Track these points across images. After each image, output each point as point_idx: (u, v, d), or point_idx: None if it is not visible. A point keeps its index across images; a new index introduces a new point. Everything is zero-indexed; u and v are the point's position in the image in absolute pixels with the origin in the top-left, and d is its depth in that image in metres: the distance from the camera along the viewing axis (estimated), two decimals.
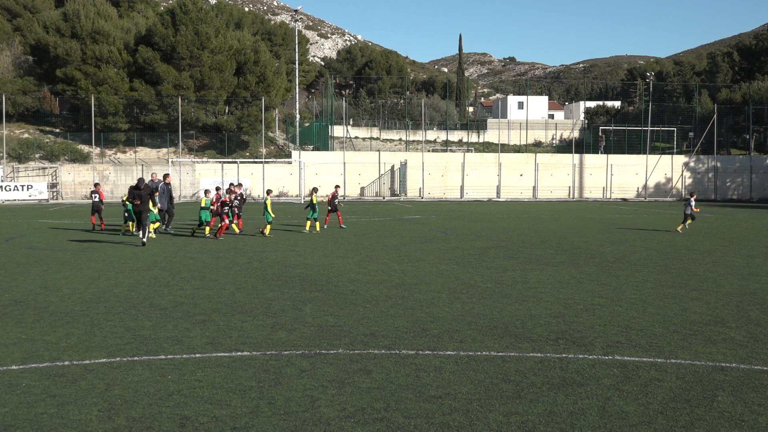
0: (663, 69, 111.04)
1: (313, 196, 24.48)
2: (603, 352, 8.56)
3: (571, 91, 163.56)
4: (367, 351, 8.57)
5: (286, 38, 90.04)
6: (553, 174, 57.78)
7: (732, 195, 59.17)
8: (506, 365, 7.98)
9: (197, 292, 12.57)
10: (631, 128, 68.05)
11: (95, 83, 55.97)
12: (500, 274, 14.90)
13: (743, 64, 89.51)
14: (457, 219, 32.25)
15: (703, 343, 9.02)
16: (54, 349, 8.63)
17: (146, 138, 58.87)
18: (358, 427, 6.08)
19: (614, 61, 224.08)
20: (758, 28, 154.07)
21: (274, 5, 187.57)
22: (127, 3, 76.94)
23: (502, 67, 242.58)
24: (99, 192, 25.85)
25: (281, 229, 25.93)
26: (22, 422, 6.16)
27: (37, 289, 12.95)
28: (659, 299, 12.09)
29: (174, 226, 25.88)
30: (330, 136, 64.61)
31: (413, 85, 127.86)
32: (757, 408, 6.62)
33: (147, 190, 19.76)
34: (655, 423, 6.20)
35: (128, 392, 6.96)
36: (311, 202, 24.40)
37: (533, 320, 10.34)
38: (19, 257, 17.65)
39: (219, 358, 8.22)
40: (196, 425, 6.11)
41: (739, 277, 14.74)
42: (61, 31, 58.19)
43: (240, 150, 60.49)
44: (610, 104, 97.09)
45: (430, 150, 67.04)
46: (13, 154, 53.62)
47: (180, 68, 57.58)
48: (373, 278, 14.17)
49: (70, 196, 51.63)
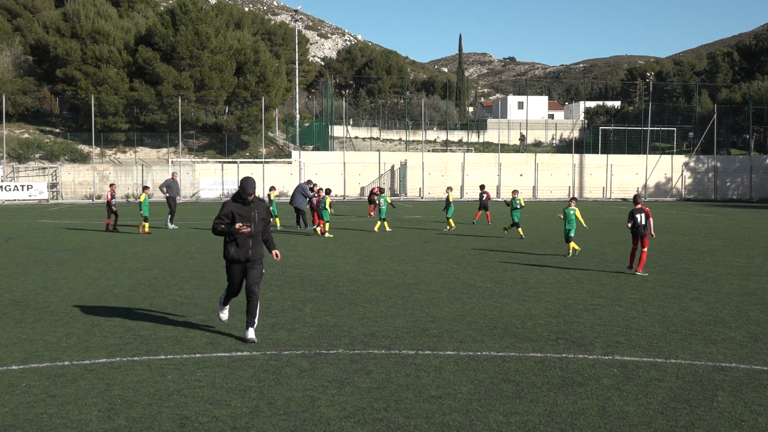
0: (663, 69, 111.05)
1: (270, 194, 26.42)
2: (603, 352, 8.55)
3: (571, 91, 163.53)
4: (367, 351, 8.57)
5: (286, 38, 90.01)
6: (553, 174, 57.77)
7: (732, 195, 59.16)
8: (506, 365, 7.97)
9: (197, 292, 12.57)
10: (631, 128, 68.02)
11: (95, 83, 55.95)
12: (500, 274, 14.89)
13: (743, 64, 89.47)
14: (457, 219, 32.24)
15: (703, 343, 9.02)
16: (54, 349, 8.63)
17: (146, 138, 58.86)
18: (358, 427, 6.08)
19: (614, 61, 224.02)
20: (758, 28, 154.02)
21: (274, 5, 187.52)
22: (127, 3, 76.92)
23: (502, 67, 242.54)
24: (111, 192, 25.63)
25: (281, 229, 25.94)
26: (22, 422, 6.16)
27: (37, 289, 12.95)
28: (659, 299, 12.09)
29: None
30: (330, 136, 64.60)
31: (413, 85, 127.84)
32: (757, 408, 6.61)
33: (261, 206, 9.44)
34: (655, 423, 6.20)
35: (128, 392, 6.96)
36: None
37: (533, 320, 10.34)
38: (19, 257, 17.64)
39: (219, 358, 8.22)
40: (196, 425, 6.11)
41: (739, 277, 14.74)
42: (61, 31, 58.18)
43: (240, 150, 60.48)
44: (610, 104, 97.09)
45: (430, 150, 67.04)
46: (13, 154, 53.61)
47: (180, 68, 57.56)
48: (373, 278, 14.17)
49: (70, 196, 51.62)
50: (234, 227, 8.92)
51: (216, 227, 9.01)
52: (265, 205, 9.29)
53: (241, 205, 9.03)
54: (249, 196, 8.98)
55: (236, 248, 9.01)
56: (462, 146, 73.44)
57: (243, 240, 9.00)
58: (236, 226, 8.90)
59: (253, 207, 9.05)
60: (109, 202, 24.88)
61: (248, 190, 8.99)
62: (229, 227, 8.98)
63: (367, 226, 27.13)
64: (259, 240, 9.16)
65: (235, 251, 9.01)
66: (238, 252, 9.00)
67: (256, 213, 9.06)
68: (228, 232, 9.00)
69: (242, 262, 9.05)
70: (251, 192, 9.01)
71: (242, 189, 9.03)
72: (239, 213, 8.97)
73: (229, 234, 9.00)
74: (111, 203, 24.84)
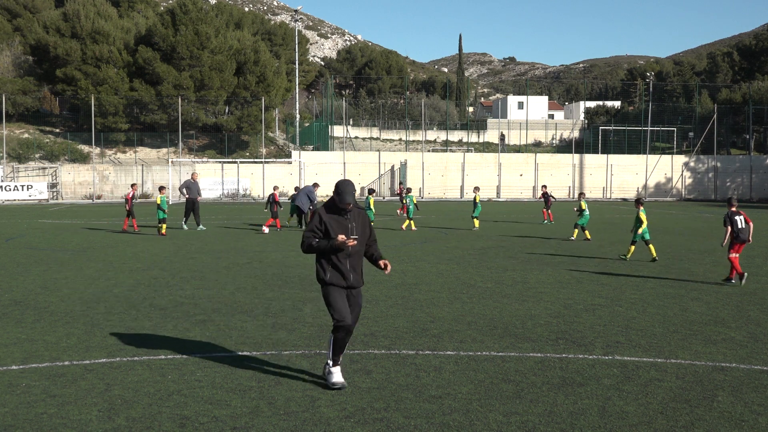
0: (663, 69, 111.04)
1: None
2: (603, 352, 8.55)
3: (571, 91, 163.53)
4: (367, 351, 8.56)
5: (286, 38, 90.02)
6: (553, 174, 57.77)
7: (732, 195, 59.13)
8: (506, 365, 7.97)
9: (197, 292, 12.57)
10: (631, 128, 68.06)
11: (95, 83, 55.97)
12: (500, 274, 14.89)
13: (743, 64, 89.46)
14: (457, 219, 32.25)
15: (703, 343, 9.01)
16: (54, 349, 8.63)
17: (146, 138, 58.87)
18: (358, 427, 6.08)
19: (614, 61, 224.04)
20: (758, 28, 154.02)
21: (274, 5, 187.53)
22: (127, 3, 76.93)
23: (502, 67, 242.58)
24: (133, 192, 25.55)
25: (280, 229, 25.94)
26: (22, 422, 6.16)
27: (37, 289, 12.95)
28: (659, 299, 12.09)
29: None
30: (330, 136, 64.61)
31: (413, 85, 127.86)
32: (757, 408, 6.61)
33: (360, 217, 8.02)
34: (655, 423, 6.20)
35: (128, 392, 6.96)
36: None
37: (533, 320, 10.34)
38: (19, 257, 17.64)
39: (219, 358, 8.22)
40: (196, 425, 6.11)
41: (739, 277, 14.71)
42: (61, 31, 58.19)
43: (240, 150, 60.48)
44: (610, 104, 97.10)
45: (430, 150, 67.05)
46: (13, 154, 53.62)
47: (180, 68, 57.57)
48: (373, 278, 14.16)
49: (70, 196, 51.62)
50: (335, 240, 6.91)
51: (306, 242, 7.04)
52: (365, 215, 7.30)
53: (336, 215, 7.07)
54: (347, 205, 6.99)
55: (334, 271, 7.08)
56: (462, 146, 73.44)
57: (341, 259, 7.05)
58: (339, 239, 6.88)
59: (349, 218, 7.10)
60: (129, 200, 24.69)
61: (346, 199, 6.96)
62: (323, 243, 6.98)
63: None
64: (360, 261, 7.21)
65: (333, 274, 7.07)
66: (337, 276, 7.08)
67: (354, 225, 7.10)
68: (321, 250, 7.02)
69: (344, 288, 7.14)
70: (350, 201, 6.98)
71: (339, 197, 7.00)
72: (334, 226, 7.01)
73: (322, 252, 7.05)
74: (131, 204, 24.75)
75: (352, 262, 7.10)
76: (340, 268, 7.04)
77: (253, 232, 24.79)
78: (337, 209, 7.06)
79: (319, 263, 7.12)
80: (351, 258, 7.08)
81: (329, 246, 6.93)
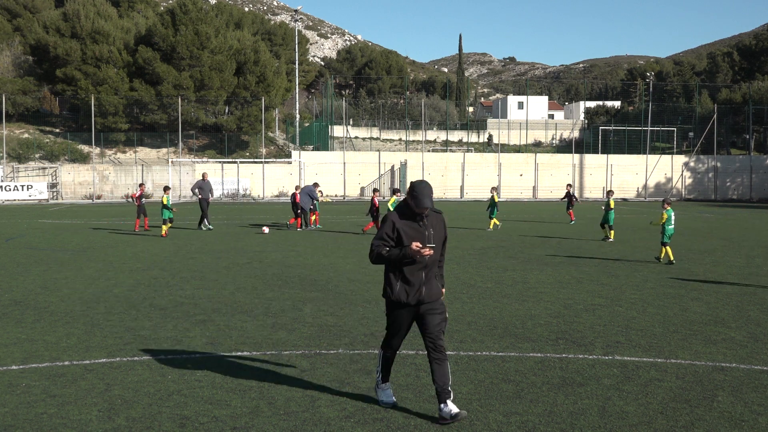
0: (663, 69, 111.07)
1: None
2: (603, 352, 8.55)
3: (571, 91, 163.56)
4: (367, 351, 8.56)
5: (286, 38, 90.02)
6: (553, 174, 57.77)
7: (732, 195, 59.17)
8: (506, 365, 7.97)
9: (197, 292, 12.57)
10: (631, 128, 68.05)
11: (95, 83, 55.97)
12: (500, 274, 14.89)
13: (743, 64, 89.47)
14: (457, 219, 32.24)
15: (703, 343, 9.01)
16: (54, 349, 8.63)
17: (146, 138, 58.87)
18: (358, 427, 6.08)
19: (614, 61, 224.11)
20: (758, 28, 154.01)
21: (274, 5, 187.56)
22: (127, 3, 76.92)
23: (502, 67, 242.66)
24: (141, 191, 25.59)
25: (280, 229, 25.95)
26: (22, 422, 6.16)
27: (37, 289, 12.95)
28: (659, 299, 12.09)
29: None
30: (330, 136, 64.61)
31: (413, 85, 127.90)
32: (757, 408, 6.61)
33: (438, 222, 7.16)
34: (655, 423, 6.20)
35: (128, 392, 6.96)
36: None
37: (533, 320, 10.34)
38: (19, 257, 17.64)
39: (219, 358, 8.22)
40: (196, 425, 6.11)
41: (739, 277, 14.73)
42: (61, 31, 58.18)
43: (240, 150, 60.48)
44: (610, 104, 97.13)
45: (430, 150, 67.05)
46: (13, 154, 53.62)
47: (180, 68, 57.57)
48: (373, 278, 14.16)
49: (70, 196, 51.62)
50: (408, 249, 6.00)
51: (375, 251, 6.14)
52: (443, 220, 6.36)
53: (410, 221, 6.13)
54: (424, 210, 6.05)
55: (403, 285, 6.17)
56: (462, 146, 73.43)
57: (414, 272, 6.14)
58: (413, 246, 5.97)
59: (426, 224, 6.17)
60: (140, 199, 24.85)
61: (424, 203, 6.01)
62: (394, 252, 6.08)
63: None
64: (435, 271, 6.31)
65: (402, 289, 6.16)
66: (407, 291, 6.15)
67: (430, 232, 6.18)
68: (392, 260, 6.12)
69: (412, 306, 6.21)
70: (428, 205, 6.04)
71: (415, 200, 6.06)
72: (408, 233, 6.09)
73: (393, 262, 6.15)
74: (142, 203, 24.88)
75: (427, 274, 6.19)
76: (412, 281, 6.14)
77: (253, 232, 24.80)
78: (411, 214, 6.13)
79: (387, 276, 6.24)
80: (426, 270, 6.18)
81: (401, 255, 6.03)
